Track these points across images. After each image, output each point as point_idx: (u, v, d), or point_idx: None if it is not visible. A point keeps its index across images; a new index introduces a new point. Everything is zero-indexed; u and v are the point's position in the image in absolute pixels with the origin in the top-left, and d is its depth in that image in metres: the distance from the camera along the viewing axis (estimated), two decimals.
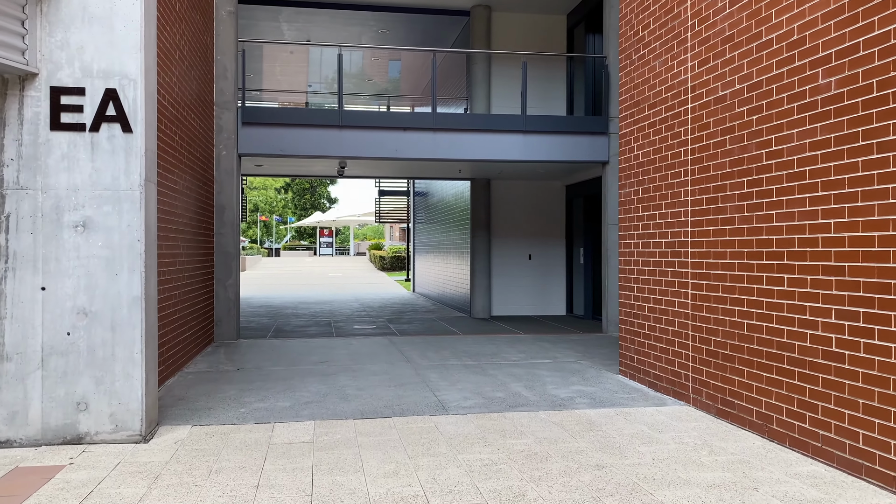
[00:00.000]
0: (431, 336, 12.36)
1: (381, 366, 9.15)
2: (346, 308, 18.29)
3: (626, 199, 8.16)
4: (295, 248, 65.35)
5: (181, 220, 9.03)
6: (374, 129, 12.14)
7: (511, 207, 16.17)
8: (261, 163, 13.42)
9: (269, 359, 9.76)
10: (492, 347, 10.86)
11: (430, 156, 12.31)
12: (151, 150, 5.92)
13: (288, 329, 13.53)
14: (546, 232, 16.33)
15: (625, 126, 8.22)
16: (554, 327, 13.76)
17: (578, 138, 12.76)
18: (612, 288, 12.81)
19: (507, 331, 13.14)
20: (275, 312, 17.07)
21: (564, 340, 11.75)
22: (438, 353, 10.21)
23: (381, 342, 11.51)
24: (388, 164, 13.83)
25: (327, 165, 13.76)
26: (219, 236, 11.65)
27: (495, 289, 16.05)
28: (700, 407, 6.64)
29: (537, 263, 16.28)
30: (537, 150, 12.63)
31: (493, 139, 12.49)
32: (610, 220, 12.86)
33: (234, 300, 11.70)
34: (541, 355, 10.06)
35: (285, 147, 11.92)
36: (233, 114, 11.63)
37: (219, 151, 11.64)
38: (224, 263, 11.66)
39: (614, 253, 12.82)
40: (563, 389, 7.62)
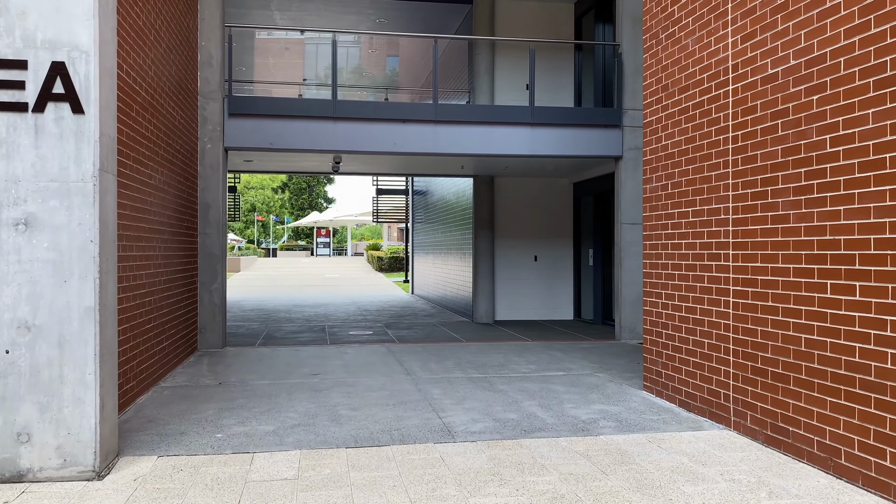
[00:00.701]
0: (432, 344, 11.51)
1: (378, 379, 8.29)
2: (341, 312, 17.43)
3: (653, 194, 7.30)
4: (292, 249, 64.46)
5: (158, 219, 8.16)
6: (370, 121, 11.28)
7: (516, 206, 15.32)
8: (250, 158, 12.55)
9: (255, 371, 8.89)
10: (499, 357, 10.00)
11: (431, 150, 11.46)
12: (109, 135, 5.06)
13: (279, 336, 12.67)
14: (553, 232, 15.48)
15: (650, 113, 7.36)
16: (563, 333, 12.90)
17: (590, 132, 11.91)
18: (626, 292, 11.96)
19: (514, 337, 12.28)
20: (266, 317, 16.20)
21: (576, 349, 10.90)
22: (441, 364, 9.36)
23: (379, 351, 10.65)
24: (387, 159, 12.97)
25: (321, 161, 12.90)
26: (203, 237, 10.78)
27: (499, 292, 15.20)
28: (744, 432, 5.78)
29: (543, 265, 15.43)
30: (546, 145, 11.78)
31: (498, 132, 11.64)
32: (624, 219, 12.01)
33: (219, 306, 10.84)
34: (553, 366, 9.21)
35: (275, 140, 11.06)
36: (219, 104, 10.77)
37: (203, 145, 10.78)
38: (209, 266, 10.80)
39: (628, 254, 11.97)
40: (584, 409, 6.76)
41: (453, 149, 11.50)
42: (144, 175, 7.52)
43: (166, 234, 8.61)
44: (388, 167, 14.46)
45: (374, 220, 27.51)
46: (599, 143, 11.94)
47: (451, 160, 12.81)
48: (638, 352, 10.60)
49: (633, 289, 11.99)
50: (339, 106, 11.15)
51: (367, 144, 11.27)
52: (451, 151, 11.50)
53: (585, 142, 11.90)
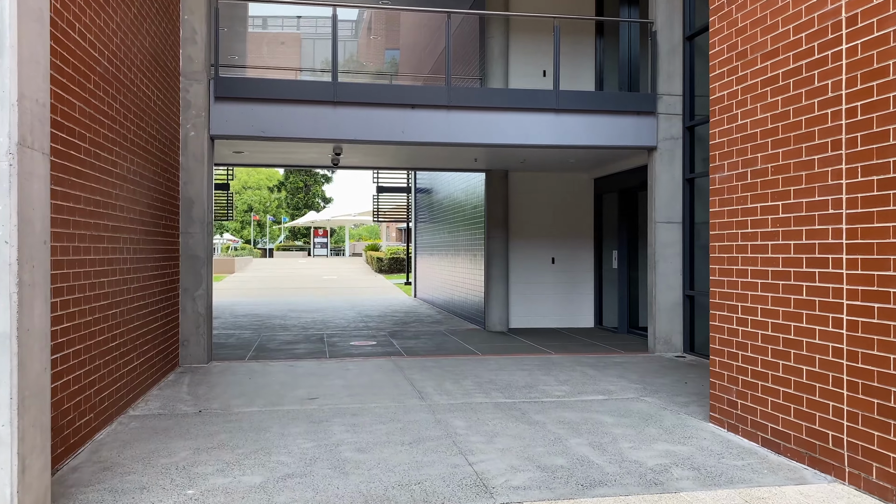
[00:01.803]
0: (444, 357, 10.21)
1: (387, 405, 6.99)
2: (340, 317, 16.12)
3: (724, 185, 6.02)
4: (288, 249, 63.17)
5: (127, 216, 6.86)
6: (375, 106, 9.99)
7: (532, 204, 14.04)
8: (240, 148, 11.25)
9: (242, 393, 7.59)
10: (523, 375, 8.72)
11: (443, 139, 10.17)
12: (36, 99, 3.76)
13: (272, 347, 11.37)
14: (571, 232, 14.20)
15: (721, 87, 6.08)
16: (588, 345, 11.62)
17: (621, 119, 10.63)
18: (661, 299, 10.68)
19: (534, 349, 11.00)
20: (260, 323, 14.89)
21: (609, 364, 9.62)
22: (458, 385, 8.07)
23: (385, 366, 9.35)
24: (392, 150, 11.69)
25: (319, 152, 11.61)
26: (186, 237, 9.48)
27: (513, 297, 13.92)
28: (868, 489, 4.50)
29: (561, 268, 14.15)
30: (572, 133, 10.49)
31: (519, 119, 10.35)
32: (659, 218, 10.73)
33: (204, 315, 9.54)
34: (589, 388, 7.93)
35: (267, 128, 9.76)
36: (203, 86, 9.47)
37: (186, 132, 9.48)
38: (192, 270, 9.49)
39: (664, 257, 10.69)
40: (646, 450, 5.48)
41: (468, 138, 10.21)
42: (107, 162, 6.22)
43: (138, 234, 7.31)
44: (392, 160, 13.17)
45: (375, 219, 26.23)
46: (631, 132, 10.66)
47: (464, 152, 11.53)
48: (680, 368, 9.32)
49: (670, 295, 10.71)
50: (340, 89, 9.86)
51: (371, 133, 9.98)
52: (465, 141, 10.22)
53: (616, 131, 10.62)
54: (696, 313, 10.71)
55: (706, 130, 10.67)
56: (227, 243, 68.13)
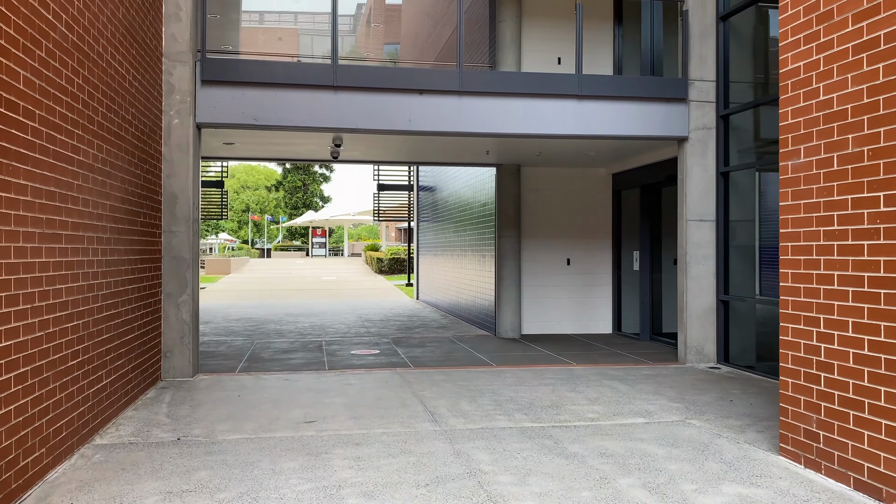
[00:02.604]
0: (455, 369, 9.25)
1: (396, 431, 6.03)
2: (340, 322, 15.15)
3: (801, 173, 5.05)
4: (286, 249, 62.19)
5: (93, 211, 5.90)
6: (379, 91, 9.02)
7: (545, 201, 13.08)
8: (230, 139, 10.28)
9: (230, 415, 6.62)
10: (545, 391, 7.76)
11: (453, 128, 9.21)
12: None
13: (266, 356, 10.40)
14: (588, 231, 13.24)
15: (795, 57, 5.12)
16: (610, 354, 10.66)
17: (649, 107, 9.67)
18: (693, 304, 9.73)
19: (553, 359, 10.04)
20: (254, 328, 13.92)
21: (638, 377, 8.66)
22: (475, 404, 7.11)
23: (391, 380, 8.39)
24: (397, 142, 10.72)
25: (318, 144, 10.63)
26: (169, 236, 8.51)
27: (526, 301, 12.96)
28: None
29: (577, 270, 13.19)
30: (596, 122, 9.53)
31: (537, 107, 9.39)
32: (690, 215, 9.77)
33: (189, 323, 8.57)
34: (625, 407, 6.97)
35: (261, 115, 8.79)
36: (189, 68, 8.51)
37: (169, 119, 8.51)
38: (176, 273, 8.53)
39: (695, 258, 9.74)
40: (714, 494, 4.51)
41: (482, 127, 9.25)
42: (65, 147, 5.25)
43: (109, 232, 6.34)
44: (396, 153, 12.20)
45: (376, 218, 25.26)
46: (660, 121, 9.70)
47: (476, 144, 10.57)
48: (719, 382, 8.35)
49: (702, 300, 9.76)
50: (341, 72, 8.89)
51: (375, 121, 9.02)
52: (478, 130, 9.25)
53: (643, 119, 9.66)
54: (731, 320, 9.75)
55: (742, 120, 9.71)
56: (225, 243, 67.15)
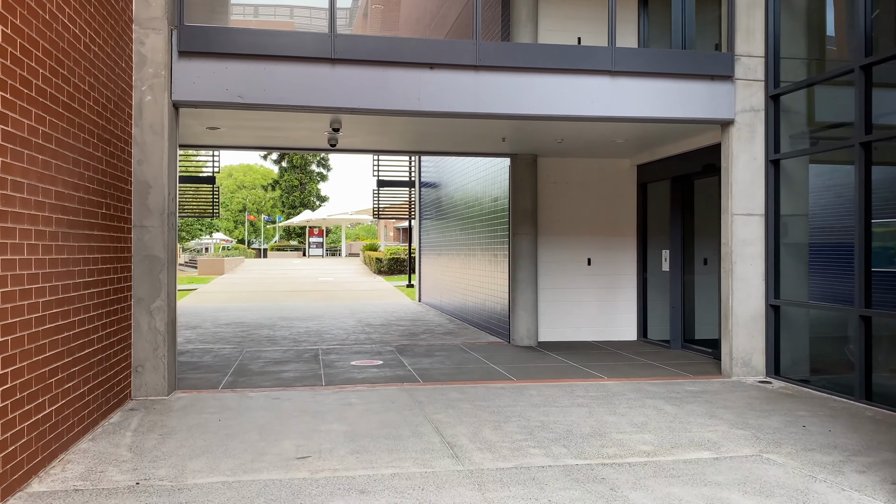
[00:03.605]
0: (471, 385, 8.07)
1: (409, 472, 4.85)
2: (338, 327, 13.97)
3: None
4: (283, 249, 60.93)
5: (30, 198, 4.72)
6: (384, 65, 7.85)
7: (563, 195, 11.92)
8: (214, 122, 9.09)
9: (206, 448, 5.44)
10: (581, 414, 6.59)
11: (469, 109, 8.04)
12: None
13: (255, 368, 9.22)
14: (610, 228, 12.07)
15: None
16: (642, 365, 9.49)
17: (691, 86, 8.52)
18: (739, 309, 8.57)
19: (579, 372, 8.88)
20: (245, 335, 12.74)
21: (683, 394, 7.49)
22: (501, 432, 5.94)
23: (398, 399, 7.21)
24: (401, 127, 9.54)
25: (313, 128, 9.45)
26: (140, 231, 7.33)
27: (542, 305, 11.79)
28: None
29: (599, 270, 12.02)
30: (630, 102, 8.37)
31: (565, 84, 8.23)
32: (737, 209, 8.62)
33: (165, 332, 7.39)
34: (681, 436, 5.80)
35: (247, 92, 7.62)
36: (163, 37, 7.33)
37: (140, 96, 7.33)
38: (148, 275, 7.35)
39: (742, 257, 8.59)
40: None
41: (502, 107, 8.09)
42: None
43: (54, 225, 5.17)
44: (400, 140, 10.97)
45: (375, 216, 24.08)
46: (702, 102, 8.55)
47: (492, 129, 9.40)
48: (778, 401, 7.18)
49: (749, 305, 8.61)
50: (341, 43, 7.72)
51: (379, 100, 7.85)
52: (498, 111, 8.09)
53: (683, 100, 8.50)
54: (782, 327, 8.60)
55: (794, 101, 8.56)
56: (220, 243, 65.86)
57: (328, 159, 67.44)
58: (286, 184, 67.23)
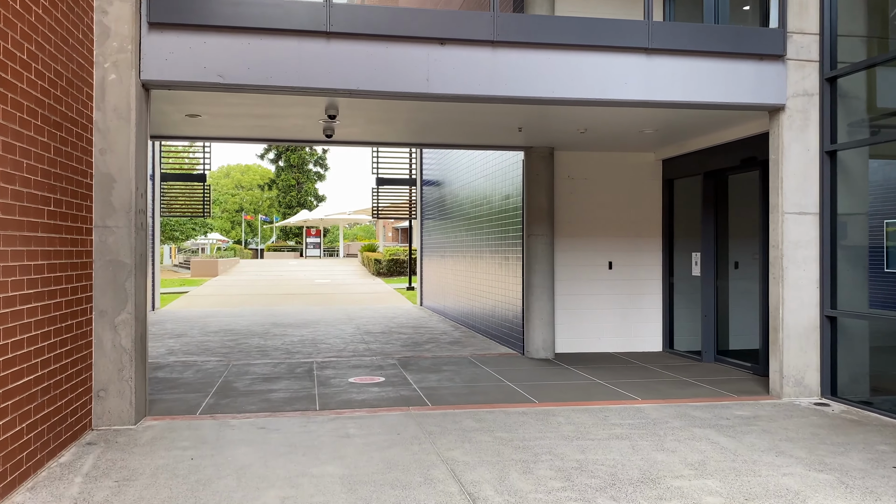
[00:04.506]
0: (487, 409, 7.01)
1: None
2: (335, 335, 12.90)
3: None
4: (280, 250, 59.84)
5: None
6: (387, 40, 6.80)
7: (582, 192, 10.87)
8: (193, 108, 8.02)
9: (170, 500, 4.38)
10: (622, 448, 5.54)
11: (485, 91, 6.98)
12: None
13: (241, 387, 8.15)
14: (633, 228, 11.03)
15: None
16: (674, 382, 8.44)
17: (736, 66, 7.47)
18: (790, 319, 7.54)
19: (607, 391, 7.82)
20: (233, 344, 11.67)
21: (734, 421, 6.44)
22: (532, 476, 4.88)
23: (404, 429, 6.15)
24: (407, 113, 8.49)
25: (307, 115, 8.37)
26: (102, 233, 6.27)
27: (559, 312, 10.74)
28: None
29: (620, 275, 10.97)
30: (668, 84, 7.32)
31: (594, 63, 7.18)
32: (788, 207, 7.58)
33: (132, 350, 6.32)
34: (751, 480, 4.75)
35: (229, 70, 6.56)
36: (130, 5, 6.27)
37: (103, 74, 6.27)
38: (112, 283, 6.28)
39: (794, 261, 7.55)
40: None
41: (523, 89, 7.03)
42: None
43: None
44: (404, 130, 9.85)
45: (374, 216, 23.00)
46: (749, 85, 7.50)
47: (507, 116, 8.35)
48: (845, 429, 6.12)
49: (802, 315, 7.57)
50: (337, 14, 6.66)
51: (382, 80, 6.79)
52: (518, 94, 7.03)
53: (728, 82, 7.45)
54: (840, 341, 7.56)
55: (853, 84, 7.52)
56: (217, 243, 64.74)
57: (325, 159, 66.37)
58: (283, 183, 66.13)
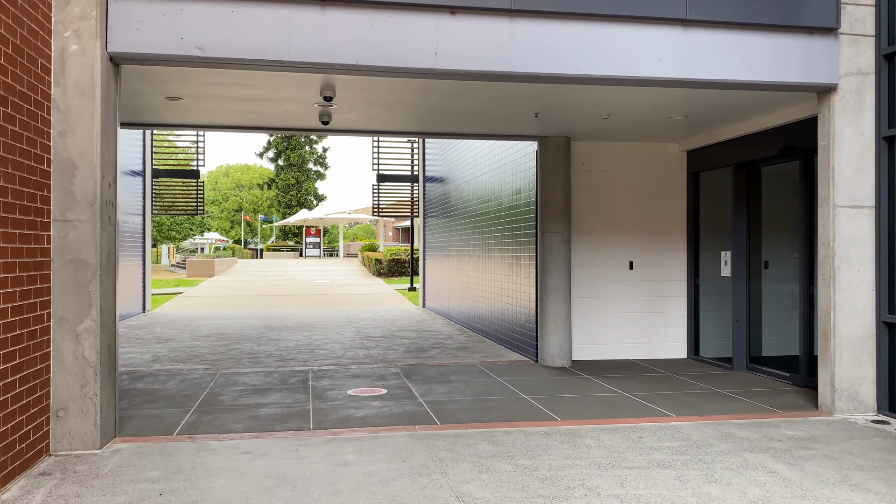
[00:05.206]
0: (504, 428, 6.18)
1: None
2: (334, 340, 12.07)
3: None
4: (279, 249, 59.06)
5: None
6: (390, 7, 5.96)
7: (600, 186, 10.04)
8: (174, 89, 7.18)
9: None
10: (667, 480, 4.71)
11: (502, 67, 6.15)
12: None
13: (227, 400, 7.32)
14: (655, 225, 10.20)
15: None
16: (708, 394, 7.60)
17: (782, 41, 6.63)
18: (843, 326, 6.71)
19: (636, 405, 6.99)
20: (224, 350, 10.84)
21: (787, 443, 5.61)
22: None
23: (411, 454, 5.32)
24: (412, 95, 7.65)
25: (300, 97, 7.53)
26: (62, 228, 5.45)
27: (575, 316, 9.91)
28: None
29: (641, 276, 10.14)
30: (710, 61, 6.49)
31: (627, 35, 6.34)
32: (840, 200, 6.75)
33: (96, 362, 5.49)
34: None
35: (209, 41, 5.72)
36: None
37: (62, 45, 5.45)
38: (74, 285, 5.45)
39: (847, 261, 6.73)
40: None
41: (545, 65, 6.19)
42: None
43: None
44: (409, 116, 8.93)
45: (375, 213, 22.16)
46: (797, 62, 6.66)
47: (523, 100, 7.52)
48: None
49: (856, 322, 6.74)
50: None
51: (384, 54, 5.96)
52: (540, 70, 6.20)
53: (773, 58, 6.61)
54: None
55: None
56: (216, 243, 63.93)
57: (326, 158, 65.59)
58: (283, 182, 65.31)
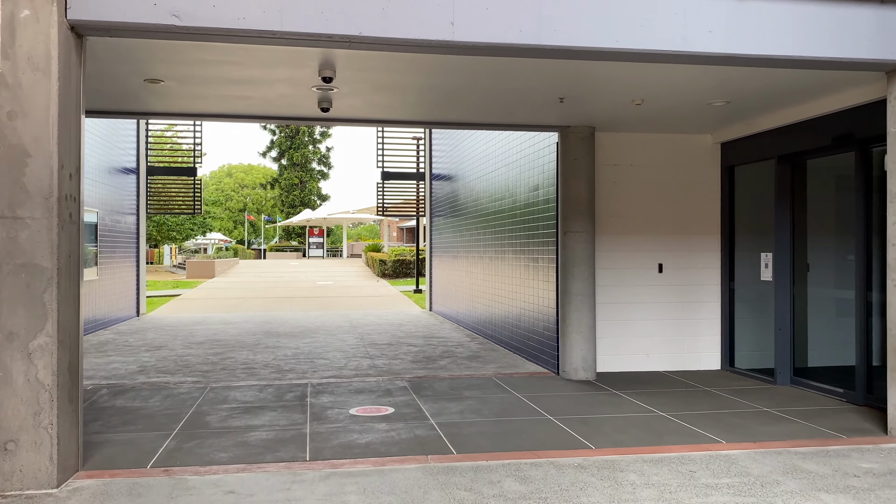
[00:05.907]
0: (530, 460, 5.32)
1: None
2: (336, 347, 11.22)
3: None
4: (282, 250, 58.32)
5: None
6: None
7: (626, 181, 9.17)
8: (151, 68, 6.32)
9: None
10: None
11: (529, 40, 5.28)
12: None
13: (214, 421, 6.48)
14: (686, 224, 9.33)
15: None
16: (756, 413, 6.72)
17: (849, 11, 5.76)
18: None
19: (677, 428, 6.12)
20: (217, 359, 9.99)
21: (863, 478, 4.74)
22: None
23: (425, 495, 4.46)
24: (422, 77, 6.79)
25: (296, 78, 6.67)
26: (11, 226, 4.60)
27: (600, 323, 9.04)
28: None
29: (672, 280, 9.27)
30: (766, 34, 5.62)
31: (672, 4, 5.49)
32: None
33: (53, 385, 4.64)
34: None
35: (186, 7, 4.87)
36: None
37: (11, 9, 4.61)
38: (25, 295, 4.61)
39: None
40: None
41: (578, 37, 5.33)
42: None
43: None
44: (416, 104, 8.00)
45: (380, 213, 21.33)
46: (865, 35, 5.78)
47: (546, 83, 6.66)
48: None
49: None
50: None
51: (392, 24, 5.10)
52: (573, 44, 5.33)
53: (835, 31, 5.74)
54: None
55: None
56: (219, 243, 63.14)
57: (329, 157, 64.83)
58: (286, 182, 64.53)
